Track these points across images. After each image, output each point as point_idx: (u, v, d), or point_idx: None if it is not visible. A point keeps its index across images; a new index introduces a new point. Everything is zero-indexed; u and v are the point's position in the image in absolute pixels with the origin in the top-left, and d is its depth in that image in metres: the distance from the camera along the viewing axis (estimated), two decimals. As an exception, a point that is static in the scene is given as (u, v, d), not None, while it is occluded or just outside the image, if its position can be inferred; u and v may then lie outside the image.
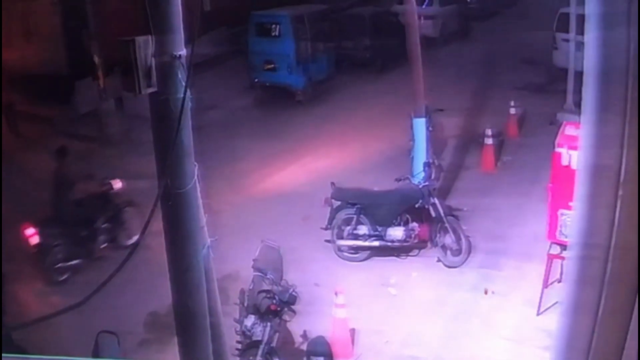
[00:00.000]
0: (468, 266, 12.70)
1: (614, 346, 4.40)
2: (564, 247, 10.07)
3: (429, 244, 13.11)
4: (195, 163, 6.09)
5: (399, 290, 12.24)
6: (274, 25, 23.51)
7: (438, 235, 12.88)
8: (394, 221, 13.07)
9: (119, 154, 18.64)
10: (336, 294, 10.56)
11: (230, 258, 11.51)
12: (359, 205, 13.10)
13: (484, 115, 19.66)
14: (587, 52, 4.18)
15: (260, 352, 9.29)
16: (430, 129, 15.17)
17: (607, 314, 4.34)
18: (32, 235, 12.76)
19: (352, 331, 10.74)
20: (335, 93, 23.67)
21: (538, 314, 10.94)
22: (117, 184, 13.91)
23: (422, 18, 24.58)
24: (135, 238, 12.65)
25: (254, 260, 10.18)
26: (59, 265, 13.09)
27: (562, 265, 10.29)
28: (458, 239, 12.74)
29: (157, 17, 5.63)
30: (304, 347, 10.29)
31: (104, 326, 6.96)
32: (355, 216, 13.11)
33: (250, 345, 9.52)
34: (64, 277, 13.11)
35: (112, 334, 6.68)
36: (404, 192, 13.24)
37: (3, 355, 4.78)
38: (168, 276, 6.42)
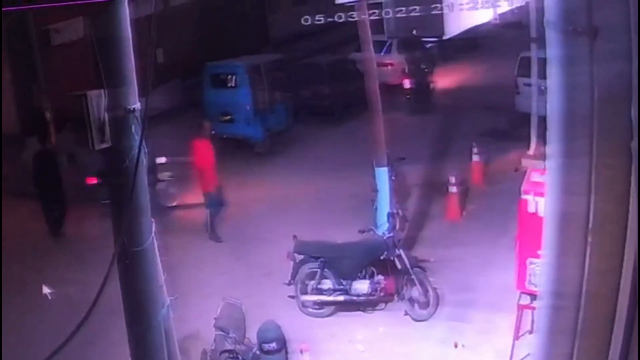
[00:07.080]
0: (436, 319, 12.50)
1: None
2: (534, 296, 9.91)
3: (395, 297, 12.89)
4: (152, 219, 5.93)
5: (366, 346, 12.00)
6: (229, 76, 23.29)
7: (405, 288, 12.69)
8: (359, 274, 12.88)
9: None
10: (302, 351, 10.36)
11: (191, 317, 11.23)
12: (322, 259, 12.88)
13: (448, 163, 19.63)
14: (550, 96, 4.10)
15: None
16: (393, 178, 15.11)
17: (581, 366, 4.20)
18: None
19: (320, 389, 10.55)
20: (294, 144, 23.44)
21: (510, 367, 10.77)
22: None
23: (383, 65, 24.84)
24: None
25: (215, 319, 10.00)
26: None
27: (532, 315, 10.15)
28: (425, 292, 12.57)
29: (109, 70, 5.52)
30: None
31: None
32: (319, 270, 12.90)
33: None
34: None
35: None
36: (369, 244, 13.11)
37: None
38: (127, 338, 6.22)
